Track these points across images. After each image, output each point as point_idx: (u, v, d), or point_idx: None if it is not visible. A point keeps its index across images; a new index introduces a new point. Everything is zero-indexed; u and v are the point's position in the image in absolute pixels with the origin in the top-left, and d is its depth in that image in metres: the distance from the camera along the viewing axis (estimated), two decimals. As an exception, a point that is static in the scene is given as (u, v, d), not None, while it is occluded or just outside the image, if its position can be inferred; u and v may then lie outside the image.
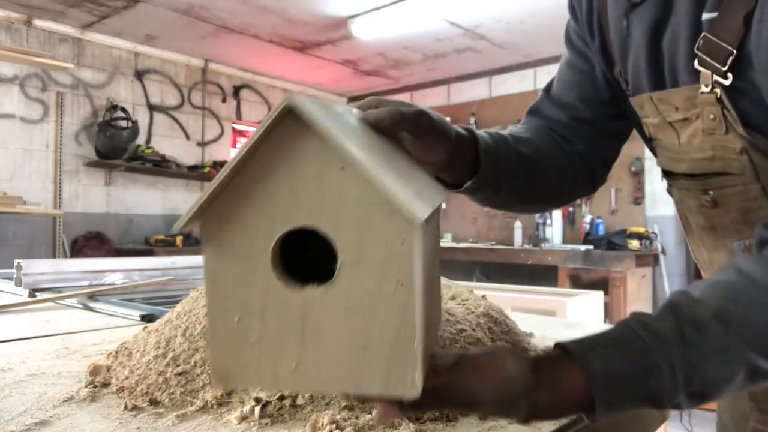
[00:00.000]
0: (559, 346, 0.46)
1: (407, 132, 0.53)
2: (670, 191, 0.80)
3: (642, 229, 4.62)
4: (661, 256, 4.61)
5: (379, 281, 0.36)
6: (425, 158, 0.58)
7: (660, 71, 0.69)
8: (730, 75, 0.59)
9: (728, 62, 0.59)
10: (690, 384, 0.44)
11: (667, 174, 0.77)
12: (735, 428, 0.85)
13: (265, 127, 0.37)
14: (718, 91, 0.61)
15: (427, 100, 6.76)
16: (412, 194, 0.37)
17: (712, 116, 0.62)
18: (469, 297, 0.80)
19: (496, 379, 0.41)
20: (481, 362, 0.42)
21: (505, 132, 0.78)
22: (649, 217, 4.86)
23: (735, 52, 0.58)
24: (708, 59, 0.60)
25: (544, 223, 5.23)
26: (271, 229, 0.38)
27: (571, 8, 0.85)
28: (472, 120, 6.20)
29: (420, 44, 5.35)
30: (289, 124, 0.37)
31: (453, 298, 0.79)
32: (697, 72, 0.62)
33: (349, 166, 0.36)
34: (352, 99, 7.51)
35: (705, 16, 0.61)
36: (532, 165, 0.75)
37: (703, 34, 0.61)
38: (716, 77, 0.60)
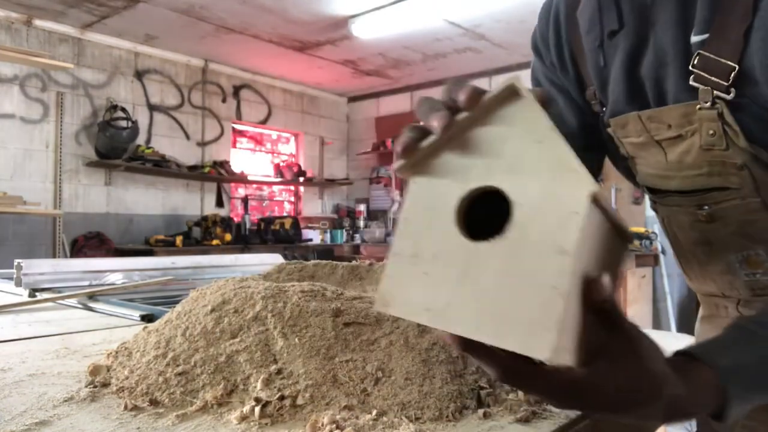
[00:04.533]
0: (680, 353, 0.46)
1: None
2: (654, 208, 0.79)
3: (642, 229, 4.62)
4: (661, 256, 4.61)
5: (542, 245, 0.38)
6: None
7: (641, 97, 0.69)
8: (732, 90, 0.60)
9: (731, 77, 0.59)
10: None
11: (652, 191, 0.77)
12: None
13: (488, 100, 0.42)
14: (719, 106, 0.61)
15: (427, 100, 6.75)
16: (593, 179, 0.40)
17: (711, 132, 0.63)
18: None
19: (642, 367, 0.40)
20: (627, 349, 0.41)
21: None
22: (649, 217, 4.86)
23: (737, 67, 0.59)
24: (707, 76, 0.61)
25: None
26: (464, 185, 0.43)
27: (536, 50, 0.85)
28: (472, 120, 6.20)
29: (420, 44, 5.35)
30: (507, 102, 0.42)
31: None
32: (692, 90, 0.63)
33: (546, 140, 0.40)
34: (352, 99, 7.51)
35: (694, 38, 0.62)
36: None
37: (698, 52, 0.61)
38: (717, 93, 0.61)
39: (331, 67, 6.17)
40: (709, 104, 0.61)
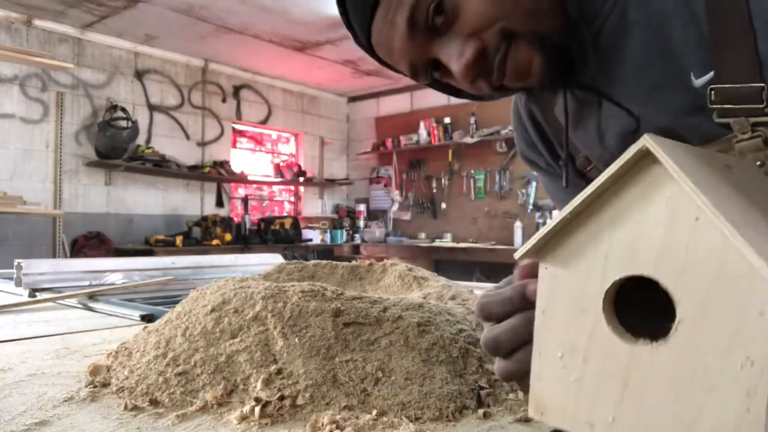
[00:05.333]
0: None
1: None
2: None
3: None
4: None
5: (722, 353, 0.31)
6: None
7: None
8: None
9: (764, 97, 0.55)
10: None
11: None
12: None
13: (618, 167, 0.35)
14: (761, 132, 0.56)
15: (427, 100, 6.76)
16: None
17: (759, 163, 0.57)
18: (469, 297, 0.80)
19: None
20: None
21: None
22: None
23: (765, 85, 0.55)
24: (735, 106, 0.57)
25: (544, 223, 5.23)
26: (607, 273, 0.37)
27: (528, 160, 0.85)
28: (472, 120, 6.20)
29: (420, 44, 5.35)
30: (643, 167, 0.35)
31: (453, 298, 0.79)
32: (718, 128, 0.58)
33: (705, 217, 0.32)
34: (352, 99, 7.51)
35: (699, 81, 0.59)
36: None
37: (711, 88, 0.58)
38: (755, 119, 0.56)
39: (331, 67, 6.18)
40: (748, 135, 0.56)
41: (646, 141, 0.34)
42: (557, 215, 0.39)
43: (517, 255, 0.42)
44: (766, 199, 0.40)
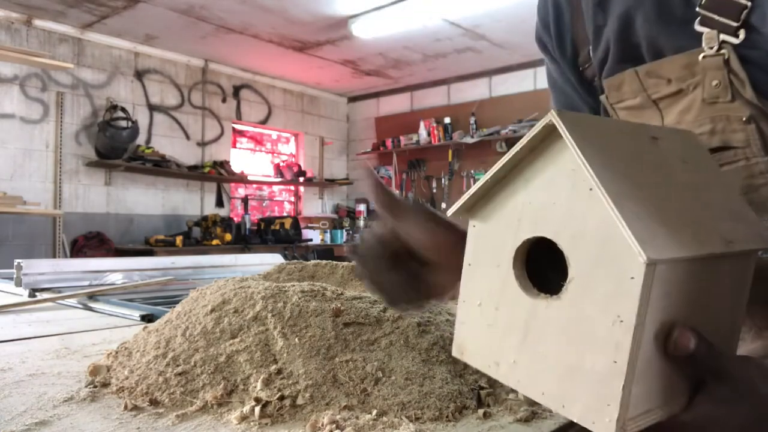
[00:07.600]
0: None
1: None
2: None
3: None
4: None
5: (601, 310, 0.36)
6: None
7: (636, 57, 0.66)
8: (741, 32, 0.56)
9: (741, 17, 0.56)
10: None
11: None
12: None
13: (529, 139, 0.40)
14: (725, 51, 0.57)
15: (427, 100, 6.76)
16: (661, 233, 0.35)
17: (715, 82, 0.59)
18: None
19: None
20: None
21: None
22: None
23: (750, 4, 0.55)
24: (715, 17, 0.57)
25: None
26: (518, 233, 0.41)
27: (540, 42, 0.84)
28: (472, 120, 6.20)
29: (420, 44, 5.35)
30: (552, 140, 0.39)
31: (453, 297, 0.79)
32: (695, 39, 0.59)
33: (594, 189, 0.36)
34: (352, 99, 7.51)
35: None
36: None
37: None
38: (725, 37, 0.57)
39: (331, 67, 6.17)
40: (714, 50, 0.58)
41: (552, 117, 0.38)
42: (482, 178, 0.44)
43: (449, 212, 0.47)
44: (691, 170, 0.44)
